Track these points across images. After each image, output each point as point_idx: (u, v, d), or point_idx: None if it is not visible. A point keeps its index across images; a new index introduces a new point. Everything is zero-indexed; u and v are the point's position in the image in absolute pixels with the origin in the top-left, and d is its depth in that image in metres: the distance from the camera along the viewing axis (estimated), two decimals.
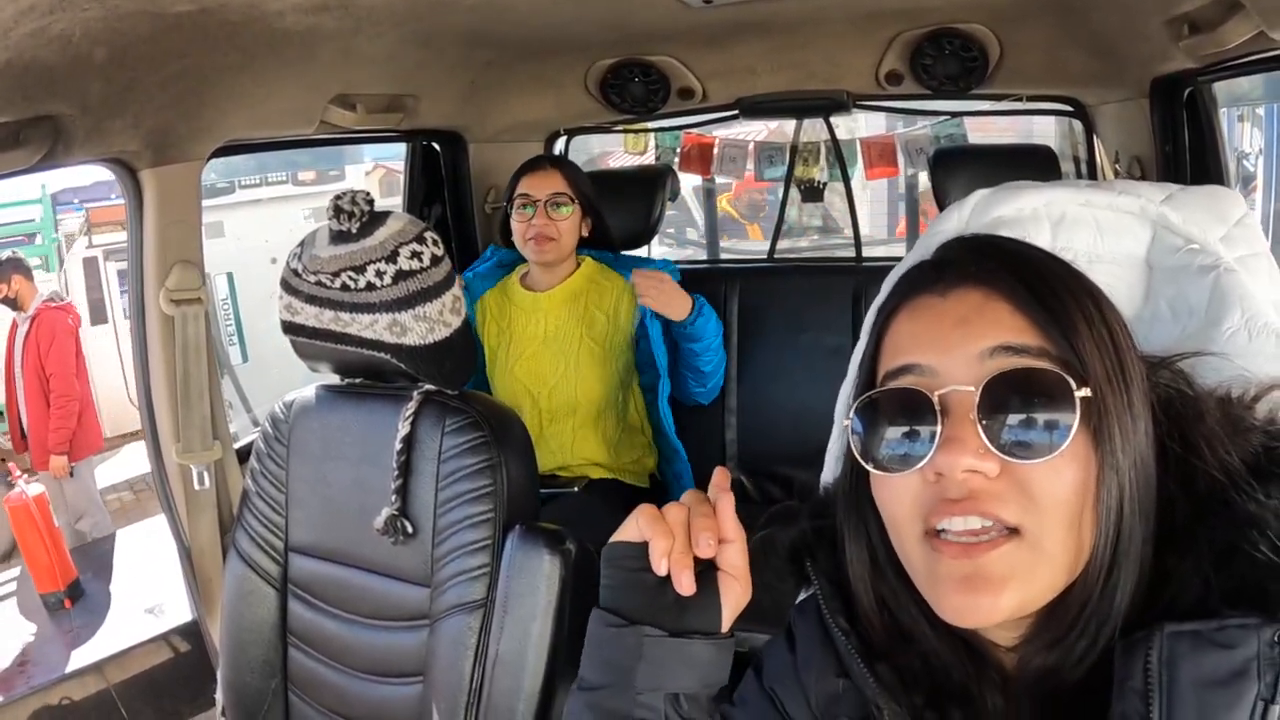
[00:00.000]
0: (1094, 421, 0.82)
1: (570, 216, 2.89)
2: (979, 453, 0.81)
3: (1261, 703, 0.73)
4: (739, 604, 1.02)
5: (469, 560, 1.76)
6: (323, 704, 1.98)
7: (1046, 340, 0.84)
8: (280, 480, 1.99)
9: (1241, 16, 1.91)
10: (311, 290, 1.78)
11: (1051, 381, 0.82)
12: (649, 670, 0.99)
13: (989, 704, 0.90)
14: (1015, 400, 0.81)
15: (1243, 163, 9.32)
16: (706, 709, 1.03)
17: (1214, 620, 0.76)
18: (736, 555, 1.00)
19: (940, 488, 0.83)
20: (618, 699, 1.01)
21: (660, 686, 1.00)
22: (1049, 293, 0.86)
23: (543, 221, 2.85)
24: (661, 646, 0.99)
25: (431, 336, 1.77)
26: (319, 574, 1.97)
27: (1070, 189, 1.28)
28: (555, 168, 2.91)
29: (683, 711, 1.01)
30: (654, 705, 1.00)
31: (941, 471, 0.82)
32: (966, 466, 0.81)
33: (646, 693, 1.00)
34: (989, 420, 0.81)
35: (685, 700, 1.01)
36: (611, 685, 1.01)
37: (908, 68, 3.00)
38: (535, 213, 2.85)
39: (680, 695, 1.00)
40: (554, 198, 2.85)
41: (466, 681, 1.74)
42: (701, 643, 1.00)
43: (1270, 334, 1.12)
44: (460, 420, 1.80)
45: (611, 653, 1.01)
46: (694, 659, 1.00)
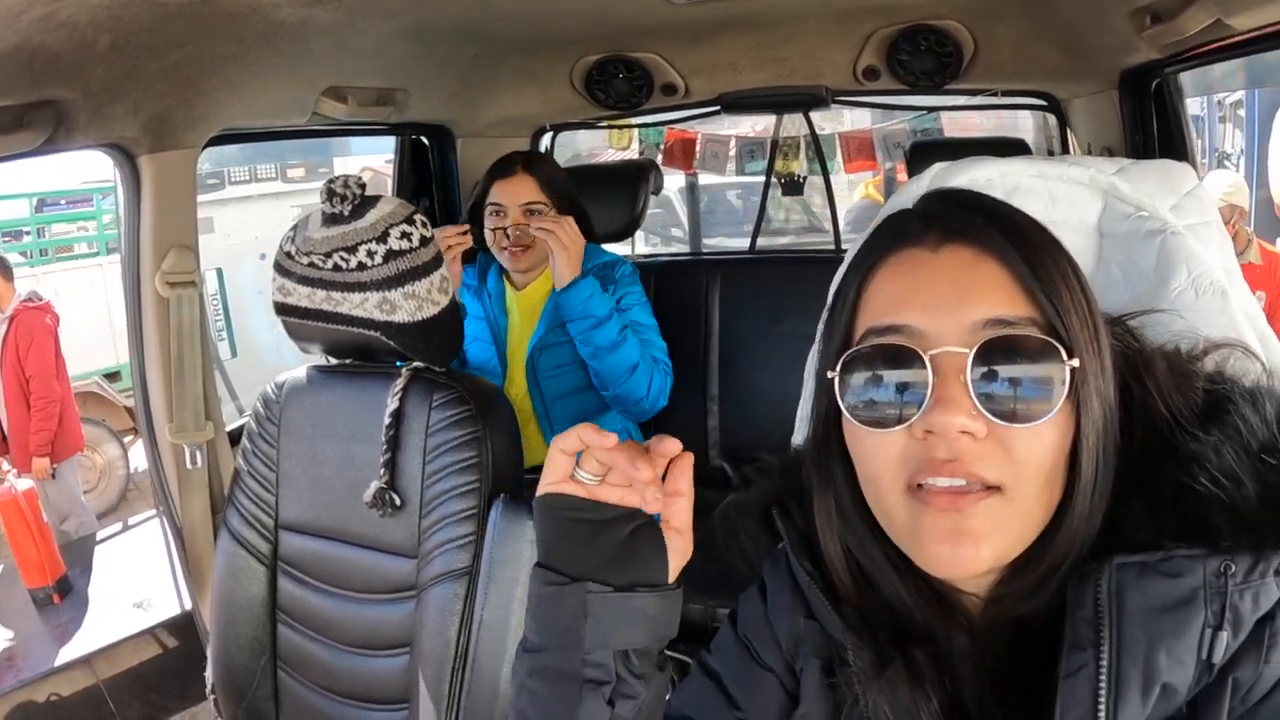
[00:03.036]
0: (1076, 388, 0.84)
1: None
2: (970, 413, 0.82)
3: (1209, 629, 0.77)
4: (684, 557, 1.00)
5: (455, 529, 1.80)
6: (311, 679, 2.02)
7: (1036, 309, 0.85)
8: (271, 459, 2.04)
9: (1199, 5, 1.95)
10: (304, 271, 1.82)
11: (1042, 349, 0.83)
12: (596, 628, 0.95)
13: (954, 645, 0.92)
14: (1006, 365, 0.83)
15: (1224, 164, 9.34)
16: (656, 662, 1.00)
17: (1160, 552, 0.80)
18: (685, 510, 0.99)
19: (928, 445, 0.83)
20: (565, 659, 0.96)
21: (609, 644, 0.95)
22: (1037, 258, 0.87)
23: (517, 233, 2.77)
24: (607, 602, 0.95)
25: (420, 314, 1.82)
26: (308, 550, 2.01)
27: (1024, 162, 1.31)
28: (528, 172, 2.81)
29: (634, 668, 0.97)
30: (604, 663, 0.95)
31: (933, 430, 0.82)
32: (959, 426, 0.81)
33: (595, 651, 0.95)
34: (979, 383, 0.82)
35: (635, 656, 0.97)
36: (557, 646, 0.97)
37: (884, 64, 3.03)
38: (509, 222, 2.77)
39: (630, 651, 0.96)
40: (528, 206, 2.76)
41: (453, 648, 1.78)
42: (648, 595, 0.97)
43: (1216, 291, 1.15)
44: (447, 395, 1.85)
45: (555, 611, 0.97)
46: (642, 613, 0.97)
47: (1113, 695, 0.77)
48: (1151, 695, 0.77)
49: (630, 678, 0.96)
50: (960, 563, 0.83)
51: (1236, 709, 0.78)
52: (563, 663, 0.96)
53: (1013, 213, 0.93)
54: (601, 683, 0.95)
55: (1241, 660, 0.77)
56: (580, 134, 3.84)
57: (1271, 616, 0.78)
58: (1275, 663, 0.77)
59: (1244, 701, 0.78)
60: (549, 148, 3.71)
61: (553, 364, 2.85)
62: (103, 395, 8.09)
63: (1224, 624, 0.77)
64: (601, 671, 0.95)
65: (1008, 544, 0.84)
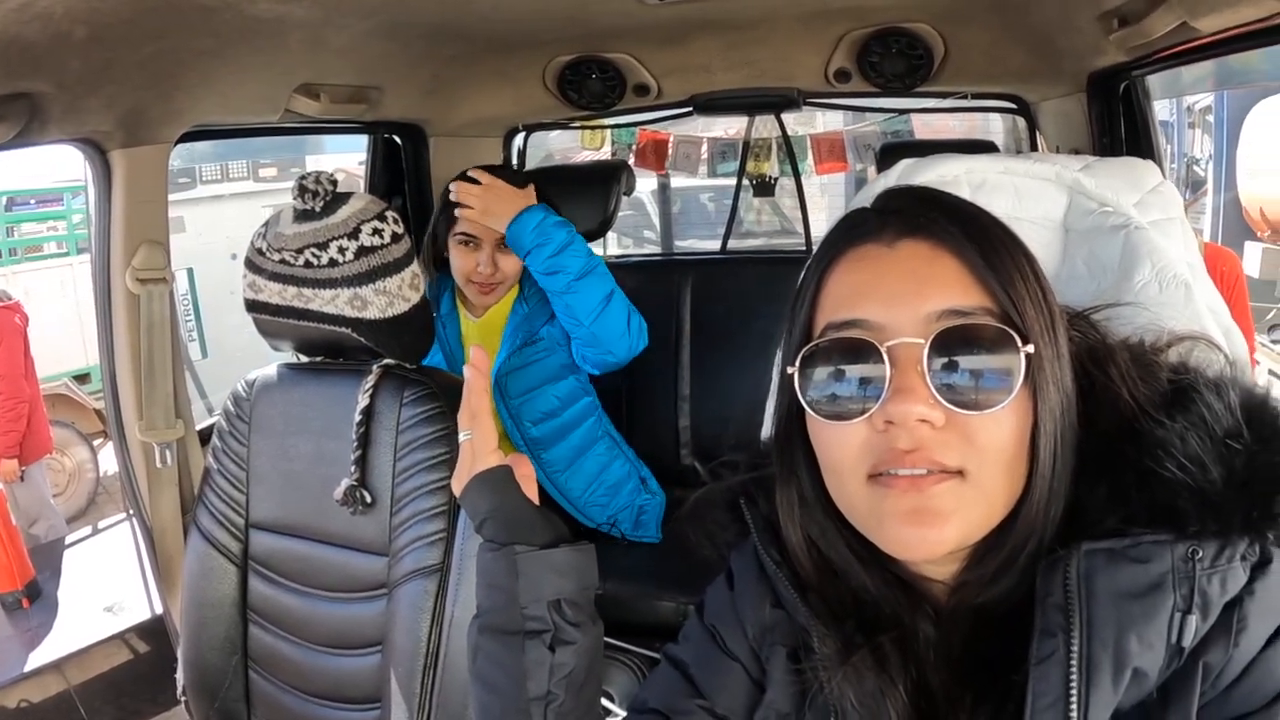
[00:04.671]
0: (1032, 375, 0.85)
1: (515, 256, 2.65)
2: (928, 402, 0.83)
3: (1178, 614, 0.78)
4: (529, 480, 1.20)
5: (426, 526, 1.80)
6: (283, 679, 2.02)
7: (990, 299, 0.87)
8: (242, 457, 2.03)
9: (1165, 8, 1.96)
10: (275, 268, 1.82)
11: (997, 337, 0.85)
12: (527, 583, 1.10)
13: (920, 632, 0.93)
14: (962, 354, 0.84)
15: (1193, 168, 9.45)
16: (589, 611, 1.15)
17: (1128, 537, 0.81)
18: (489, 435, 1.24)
19: (889, 436, 0.85)
20: (507, 615, 1.11)
21: (541, 596, 1.10)
22: (992, 250, 0.88)
23: (490, 269, 2.65)
24: (533, 560, 1.11)
25: (391, 310, 1.82)
26: (279, 549, 2.00)
27: (990, 159, 1.35)
28: None
29: (566, 616, 1.11)
30: (540, 615, 1.10)
31: (893, 420, 0.84)
32: (918, 415, 0.83)
33: (530, 604, 1.10)
34: (937, 372, 0.84)
35: (567, 605, 1.11)
36: (500, 606, 1.12)
37: (856, 66, 3.04)
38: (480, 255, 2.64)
39: (561, 601, 1.11)
40: (501, 239, 2.62)
41: (424, 645, 1.78)
42: (564, 550, 1.13)
43: (1180, 285, 1.18)
44: (418, 391, 1.84)
45: (494, 575, 1.13)
46: (566, 565, 1.12)
47: (1084, 680, 0.78)
48: (1123, 680, 0.78)
49: (566, 625, 1.10)
50: (925, 544, 0.85)
51: (1207, 693, 0.79)
52: (505, 620, 1.11)
53: (968, 208, 0.95)
54: (541, 632, 1.10)
55: (1211, 644, 0.79)
56: (553, 134, 3.82)
57: (1239, 600, 0.79)
58: (1244, 646, 0.79)
59: (1214, 685, 0.79)
60: (522, 148, 3.71)
61: (522, 388, 2.75)
62: (72, 397, 8.00)
63: (1193, 608, 0.78)
64: (539, 622, 1.10)
65: (971, 525, 0.86)
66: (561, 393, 2.80)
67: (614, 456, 2.87)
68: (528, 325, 2.72)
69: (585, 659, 1.12)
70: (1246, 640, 0.79)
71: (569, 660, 1.10)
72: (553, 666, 1.09)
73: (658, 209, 7.91)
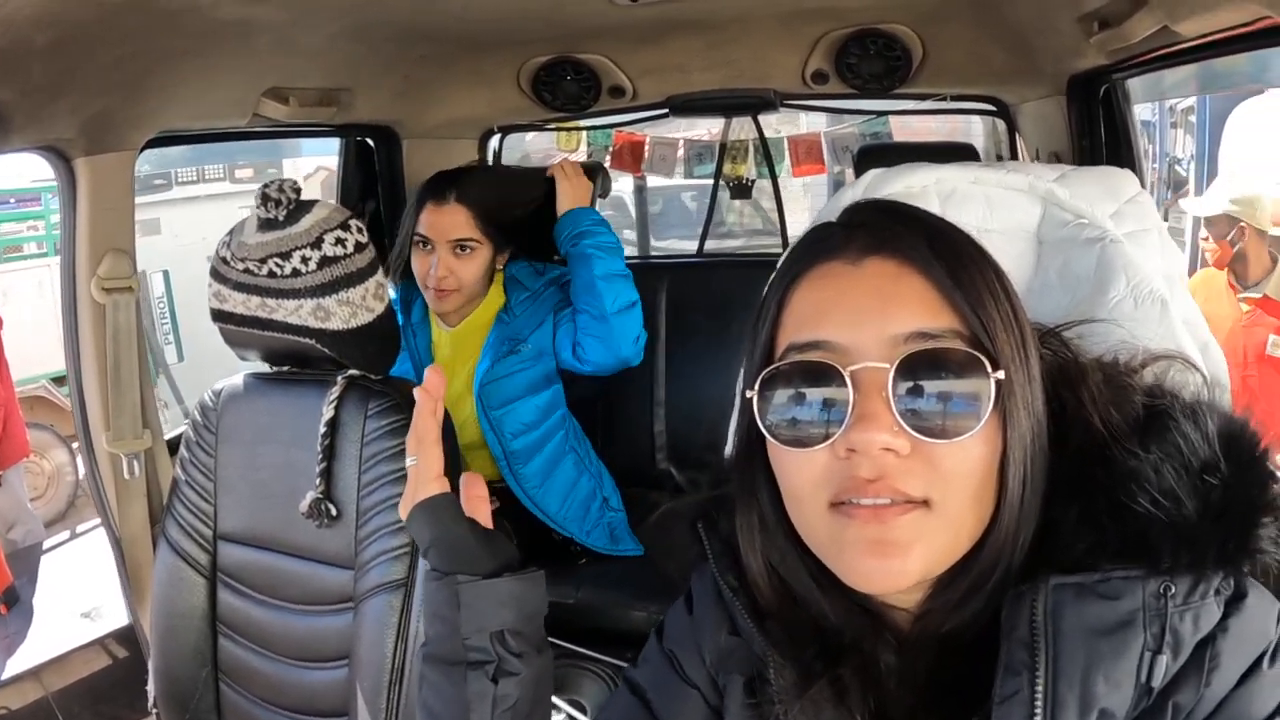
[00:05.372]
0: (1002, 400, 0.82)
1: (475, 259, 2.67)
2: (893, 430, 0.80)
3: (1148, 653, 0.75)
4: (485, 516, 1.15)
5: (391, 540, 1.79)
6: (253, 692, 2.00)
7: (959, 320, 0.84)
8: (209, 468, 2.01)
9: (1146, 11, 1.95)
10: (239, 277, 1.81)
11: (966, 362, 0.82)
12: (470, 614, 1.07)
13: (882, 661, 0.90)
14: (929, 379, 0.81)
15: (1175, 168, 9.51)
16: (535, 642, 1.11)
17: (1097, 572, 0.79)
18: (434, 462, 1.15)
19: (851, 464, 0.82)
20: (450, 646, 1.08)
21: (484, 627, 1.07)
22: (962, 270, 0.85)
23: (443, 272, 2.63)
24: (475, 590, 1.07)
25: (354, 321, 1.81)
26: (247, 561, 1.99)
27: (961, 168, 1.32)
28: (461, 202, 2.66)
29: (510, 647, 1.08)
30: (482, 646, 1.07)
31: (855, 448, 0.81)
32: (882, 444, 0.80)
33: (473, 635, 1.07)
34: (902, 398, 0.81)
35: (510, 635, 1.08)
36: (443, 636, 1.09)
37: (833, 67, 3.03)
38: (435, 259, 2.64)
39: (505, 632, 1.07)
40: (458, 243, 2.64)
41: (389, 660, 1.77)
42: (509, 580, 1.09)
43: (1155, 301, 1.16)
44: (383, 404, 1.83)
45: (437, 605, 1.09)
46: (506, 596, 1.08)
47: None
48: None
49: (509, 656, 1.07)
50: (888, 576, 0.82)
51: None
52: (448, 649, 1.08)
53: (937, 223, 0.92)
54: (483, 663, 1.07)
55: (1182, 684, 0.76)
56: (529, 136, 3.80)
57: (1212, 638, 0.77)
58: (1216, 685, 0.76)
59: None
60: (497, 150, 3.68)
61: (504, 398, 2.71)
62: (50, 399, 7.91)
63: (1164, 647, 0.76)
64: (481, 653, 1.07)
65: (935, 556, 0.83)
66: (542, 403, 2.78)
67: (581, 471, 2.85)
68: (513, 334, 2.70)
69: (530, 690, 1.09)
70: (1219, 679, 0.76)
71: (512, 692, 1.08)
72: (496, 698, 1.07)
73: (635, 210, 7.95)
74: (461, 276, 2.66)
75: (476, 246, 2.67)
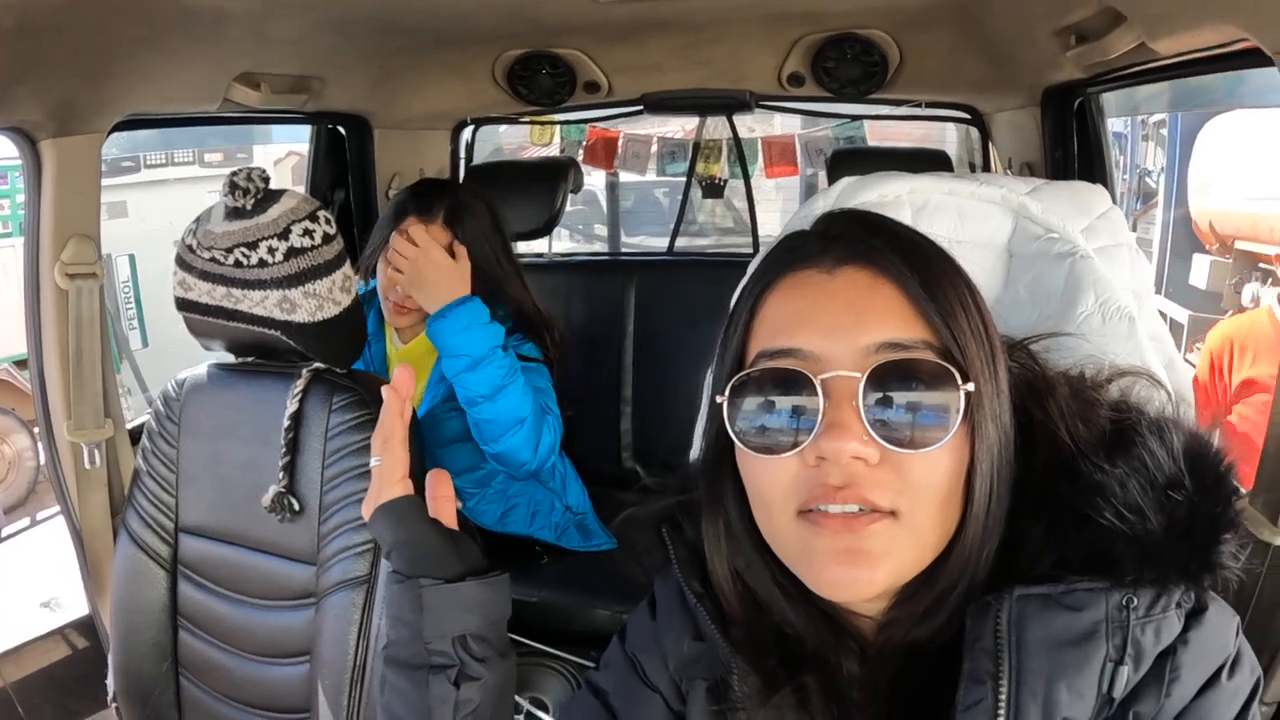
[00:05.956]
0: (971, 412, 0.83)
1: None
2: (863, 439, 0.80)
3: (1110, 664, 0.77)
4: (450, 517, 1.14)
5: (353, 536, 1.77)
6: (213, 687, 1.98)
7: (931, 332, 0.84)
8: (171, 459, 1.98)
9: (1124, 28, 1.96)
10: (205, 266, 1.78)
11: (936, 373, 0.82)
12: (432, 618, 1.06)
13: (845, 670, 0.91)
14: (900, 389, 0.82)
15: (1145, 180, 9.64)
16: (498, 646, 1.10)
17: (1062, 584, 0.80)
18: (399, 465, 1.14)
19: (820, 472, 0.82)
20: (412, 649, 1.07)
21: (446, 632, 1.06)
22: (934, 281, 0.86)
23: (405, 295, 2.43)
24: (438, 594, 1.07)
25: (321, 314, 1.79)
26: (209, 555, 1.96)
27: (935, 179, 1.33)
28: (449, 226, 2.44)
29: (473, 651, 1.07)
30: (445, 650, 1.06)
31: (825, 456, 0.81)
32: (851, 452, 0.80)
33: (435, 639, 1.06)
34: (872, 408, 0.81)
35: (473, 640, 1.07)
36: (404, 639, 1.08)
37: (809, 70, 3.03)
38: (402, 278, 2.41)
39: (467, 636, 1.07)
40: None
41: (351, 658, 1.75)
42: (473, 584, 1.08)
43: (1123, 317, 1.19)
44: (347, 397, 1.81)
45: (399, 608, 1.09)
46: (472, 600, 1.08)
47: None
48: None
49: (471, 661, 1.07)
50: (856, 585, 0.82)
51: None
52: (410, 653, 1.08)
53: (912, 235, 0.92)
54: (445, 667, 1.06)
55: (1142, 694, 0.78)
56: (502, 129, 3.77)
57: (1172, 650, 0.78)
58: (1176, 696, 0.78)
59: None
60: (470, 142, 3.64)
61: (444, 440, 2.55)
62: (12, 383, 7.81)
63: (1125, 658, 0.77)
64: (444, 657, 1.06)
65: (903, 566, 0.84)
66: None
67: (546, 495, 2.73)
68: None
69: (492, 694, 1.09)
70: (1179, 690, 0.78)
71: (474, 697, 1.07)
72: (457, 703, 1.06)
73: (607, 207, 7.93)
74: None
75: None
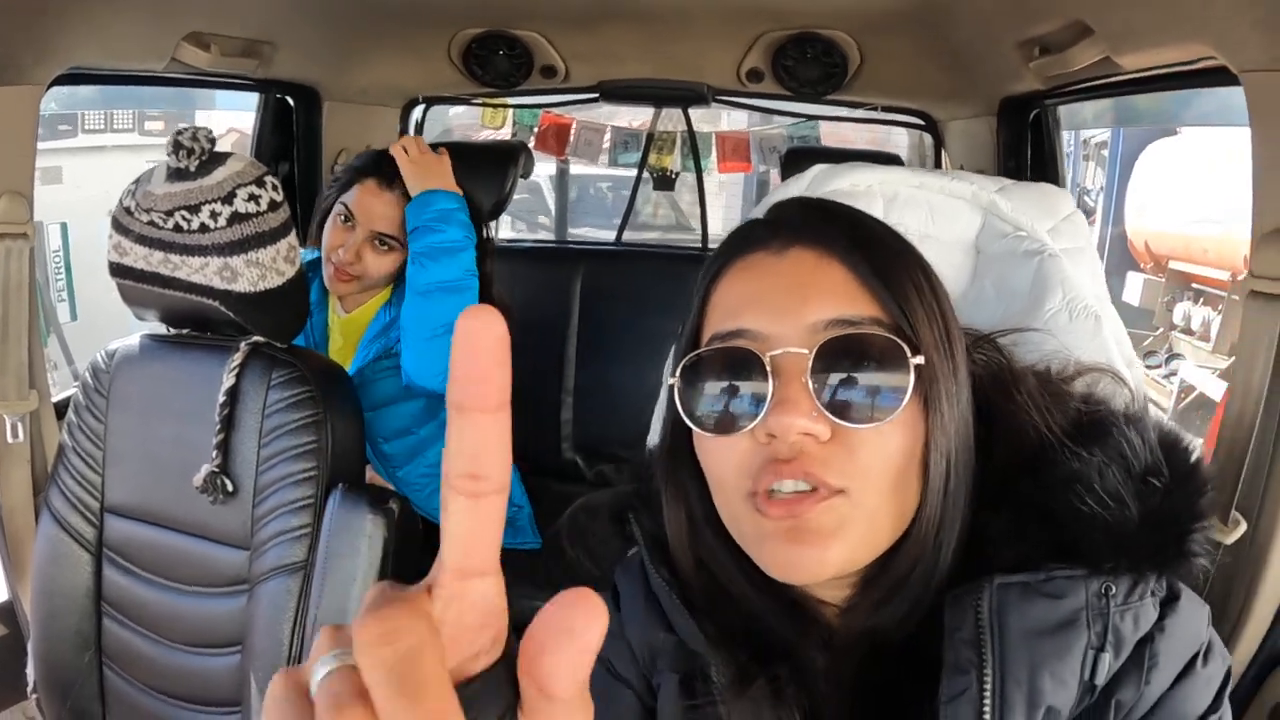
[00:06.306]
0: (924, 389, 0.83)
1: (389, 257, 2.46)
2: (812, 415, 0.80)
3: (1092, 651, 0.78)
4: None
5: (290, 520, 1.70)
6: (139, 678, 1.89)
7: (880, 309, 0.84)
8: (99, 435, 1.89)
9: (1090, 41, 1.97)
10: (142, 230, 1.69)
11: (886, 348, 0.82)
12: None
13: (813, 661, 0.90)
14: (849, 365, 0.81)
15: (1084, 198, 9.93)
16: None
17: (1041, 572, 0.80)
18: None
19: (771, 450, 0.82)
20: None
21: None
22: (882, 260, 0.86)
23: (350, 258, 2.41)
24: None
25: (263, 284, 1.71)
26: (136, 537, 1.87)
27: (906, 172, 1.35)
28: (407, 196, 2.44)
29: None
30: None
31: (774, 433, 0.81)
32: (800, 429, 0.80)
33: None
34: (821, 383, 0.81)
35: None
36: None
37: (769, 67, 3.03)
38: (350, 237, 2.42)
39: None
40: (379, 236, 2.43)
41: (285, 649, 1.68)
42: None
43: (1090, 315, 1.19)
44: (287, 374, 1.74)
45: None
46: None
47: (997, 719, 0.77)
48: (1036, 718, 0.78)
49: None
50: (806, 565, 0.81)
51: None
52: None
53: (860, 216, 0.94)
54: None
55: (1123, 681, 0.79)
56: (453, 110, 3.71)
57: (1150, 638, 0.80)
58: (1155, 684, 0.79)
59: None
60: (420, 121, 3.58)
61: (374, 402, 2.51)
62: None
63: (1106, 645, 0.78)
64: None
65: (855, 546, 0.82)
66: (416, 410, 2.61)
67: None
68: (385, 337, 2.52)
69: None
70: (1157, 677, 0.79)
71: None
72: None
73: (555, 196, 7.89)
74: (368, 269, 2.45)
75: (398, 247, 2.46)
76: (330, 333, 2.60)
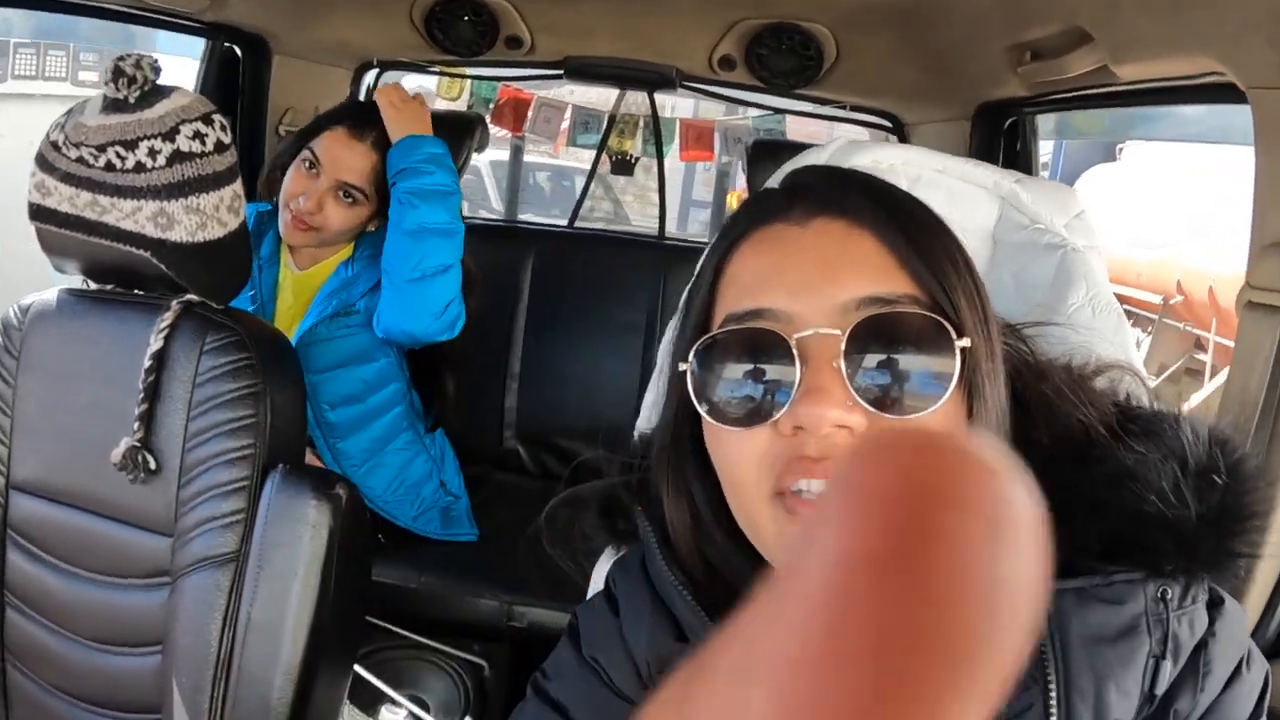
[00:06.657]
0: (968, 375, 0.76)
1: (353, 212, 2.40)
2: (845, 405, 0.73)
3: (1153, 659, 0.75)
4: None
5: (221, 504, 1.54)
6: (45, 678, 1.72)
7: (918, 286, 0.77)
8: (7, 401, 1.71)
9: (1088, 49, 1.94)
10: (70, 167, 1.51)
11: (928, 329, 0.75)
12: None
13: None
14: (887, 348, 0.74)
15: None
16: None
17: (1098, 575, 0.76)
18: None
19: (797, 443, 0.74)
20: None
21: None
22: (918, 231, 0.80)
23: (312, 207, 2.34)
24: None
25: (201, 234, 1.53)
26: (44, 518, 1.70)
27: (928, 153, 1.32)
28: (376, 149, 2.40)
29: None
30: None
31: (802, 425, 0.73)
32: (833, 420, 0.72)
33: None
34: (855, 369, 0.74)
35: None
36: None
37: (742, 56, 2.98)
38: (313, 185, 2.36)
39: None
40: (344, 186, 2.37)
41: (214, 650, 1.53)
42: None
43: (1112, 311, 1.20)
44: (223, 338, 1.57)
45: None
46: None
47: None
48: None
49: None
50: None
51: None
52: None
53: (890, 187, 0.87)
54: None
55: (1181, 690, 0.76)
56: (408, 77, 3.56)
57: (1204, 644, 0.77)
58: (1208, 690, 0.77)
59: None
60: (371, 87, 3.40)
61: (325, 364, 2.44)
62: None
63: (1166, 653, 0.75)
64: None
65: None
66: (369, 375, 2.52)
67: (416, 452, 2.61)
68: (345, 293, 2.43)
69: None
70: (1211, 684, 0.77)
71: None
72: None
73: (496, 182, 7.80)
74: (329, 221, 2.38)
75: (363, 201, 2.41)
76: (280, 290, 2.49)
